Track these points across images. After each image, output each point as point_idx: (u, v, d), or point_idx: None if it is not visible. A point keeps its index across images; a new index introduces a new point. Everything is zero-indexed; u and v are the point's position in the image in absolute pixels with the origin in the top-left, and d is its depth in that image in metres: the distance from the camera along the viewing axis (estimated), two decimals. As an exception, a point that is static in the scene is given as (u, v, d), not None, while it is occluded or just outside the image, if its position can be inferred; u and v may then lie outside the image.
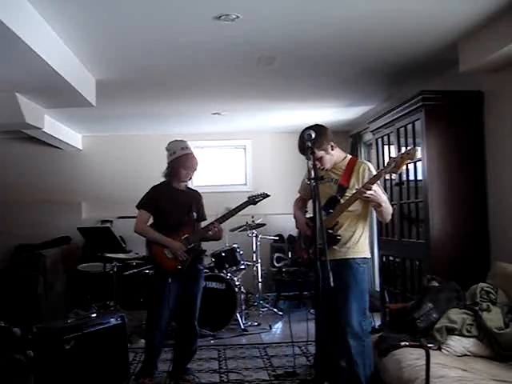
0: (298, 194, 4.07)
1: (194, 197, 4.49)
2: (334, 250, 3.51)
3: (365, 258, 3.65)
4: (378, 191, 3.42)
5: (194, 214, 4.30)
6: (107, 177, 8.61)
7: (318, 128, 3.56)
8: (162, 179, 4.43)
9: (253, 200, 4.53)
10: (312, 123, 3.62)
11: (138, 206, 4.36)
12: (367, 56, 4.83)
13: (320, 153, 3.56)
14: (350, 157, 3.79)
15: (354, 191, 3.49)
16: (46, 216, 8.31)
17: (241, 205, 4.44)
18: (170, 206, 4.29)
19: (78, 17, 3.71)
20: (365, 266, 3.62)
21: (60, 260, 7.24)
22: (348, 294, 3.52)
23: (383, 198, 3.48)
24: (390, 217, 3.64)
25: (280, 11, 3.72)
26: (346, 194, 3.56)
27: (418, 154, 3.26)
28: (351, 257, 3.58)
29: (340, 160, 3.72)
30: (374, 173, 3.58)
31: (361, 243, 3.63)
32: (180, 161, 4.29)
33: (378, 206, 3.50)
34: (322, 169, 3.61)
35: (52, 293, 6.75)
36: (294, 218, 3.93)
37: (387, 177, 5.51)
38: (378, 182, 3.48)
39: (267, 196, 4.63)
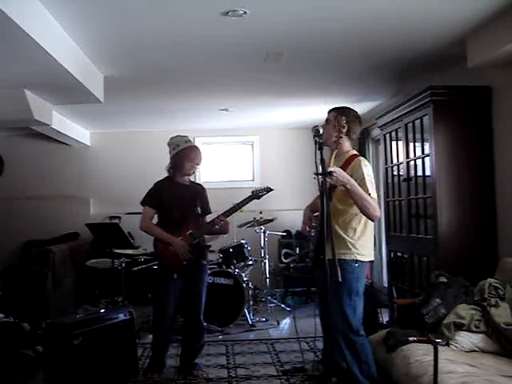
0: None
1: (198, 191, 4.48)
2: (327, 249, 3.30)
3: (357, 260, 3.39)
4: (340, 172, 3.13)
5: (199, 208, 4.25)
6: (115, 173, 8.64)
7: (346, 107, 3.61)
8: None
9: (256, 194, 4.50)
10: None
11: (143, 203, 4.35)
12: (375, 52, 4.81)
13: (330, 118, 3.55)
14: (353, 152, 3.56)
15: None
16: (55, 212, 8.37)
17: (245, 199, 4.42)
18: (174, 201, 4.28)
19: (86, 13, 3.72)
20: (355, 266, 3.37)
21: (68, 256, 7.27)
22: (334, 293, 3.26)
23: (347, 180, 3.15)
24: (371, 212, 3.24)
25: (287, 7, 3.71)
26: (336, 192, 3.34)
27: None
28: (339, 258, 3.18)
29: (343, 151, 3.53)
30: (363, 169, 3.33)
31: (352, 245, 3.40)
32: (184, 153, 4.28)
33: (351, 194, 3.18)
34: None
35: (61, 288, 6.78)
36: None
37: (395, 172, 5.53)
38: (367, 175, 3.32)
39: (271, 190, 4.60)
